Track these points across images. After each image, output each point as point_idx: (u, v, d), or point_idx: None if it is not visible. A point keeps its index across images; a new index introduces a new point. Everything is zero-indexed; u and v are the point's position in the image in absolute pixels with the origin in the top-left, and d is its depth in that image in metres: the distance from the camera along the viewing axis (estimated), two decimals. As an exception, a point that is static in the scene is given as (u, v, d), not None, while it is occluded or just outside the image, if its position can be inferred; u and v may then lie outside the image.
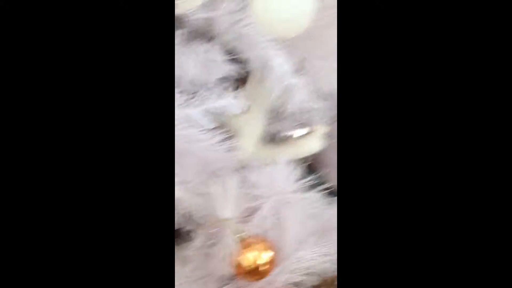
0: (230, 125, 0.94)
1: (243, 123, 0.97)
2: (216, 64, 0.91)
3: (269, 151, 0.99)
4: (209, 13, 0.93)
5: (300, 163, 0.97)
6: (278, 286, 0.90)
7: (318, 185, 0.98)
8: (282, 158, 0.95)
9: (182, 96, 0.90)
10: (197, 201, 0.89)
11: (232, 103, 0.92)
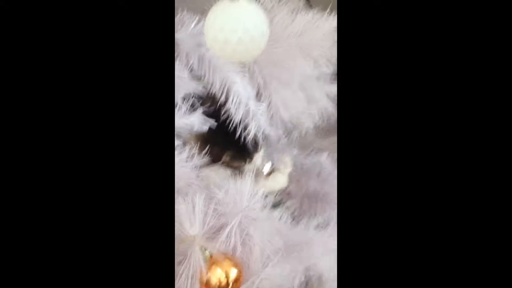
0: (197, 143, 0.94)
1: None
2: (182, 81, 0.91)
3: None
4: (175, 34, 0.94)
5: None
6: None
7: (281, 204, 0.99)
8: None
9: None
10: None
11: (199, 120, 0.91)
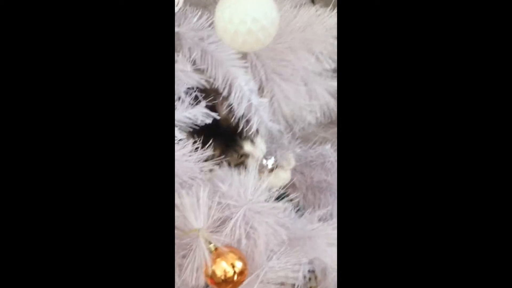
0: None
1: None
2: (186, 74, 0.91)
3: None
4: (176, 28, 0.94)
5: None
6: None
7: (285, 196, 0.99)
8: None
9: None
10: (168, 212, 0.88)
11: (203, 113, 0.92)
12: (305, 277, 0.94)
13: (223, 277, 0.87)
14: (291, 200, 1.00)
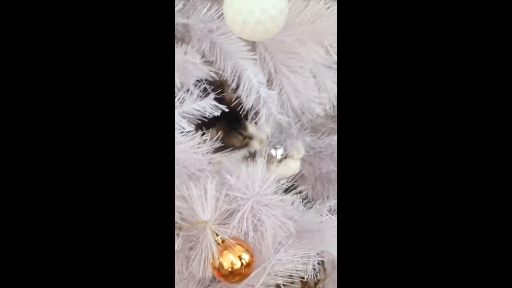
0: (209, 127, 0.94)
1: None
2: (195, 66, 0.91)
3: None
4: (186, 20, 0.94)
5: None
6: (258, 288, 0.90)
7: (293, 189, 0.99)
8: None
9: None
10: (176, 204, 0.88)
11: (211, 105, 0.92)
12: (314, 270, 0.94)
13: (230, 269, 0.88)
14: (300, 192, 0.99)
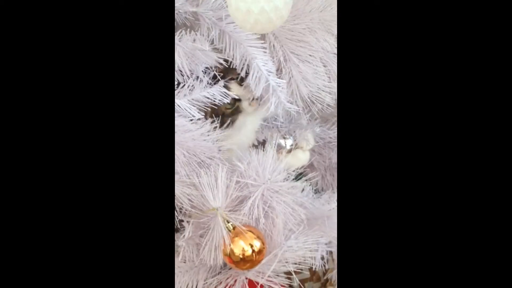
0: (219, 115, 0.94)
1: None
2: (204, 54, 0.91)
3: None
4: (195, 8, 0.94)
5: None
6: (268, 275, 0.90)
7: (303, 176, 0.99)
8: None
9: (170, 86, 0.89)
10: (187, 191, 0.88)
11: (221, 92, 0.91)
12: (323, 259, 0.94)
13: (241, 256, 0.88)
14: (310, 180, 0.99)
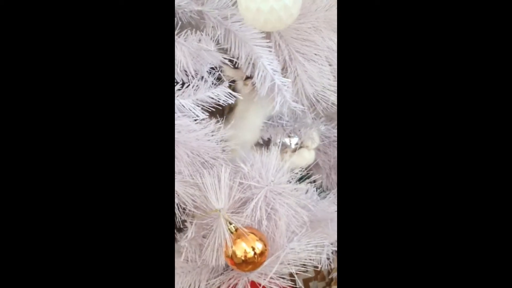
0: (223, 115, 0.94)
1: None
2: (209, 54, 0.91)
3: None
4: (200, 7, 0.93)
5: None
6: (271, 277, 0.90)
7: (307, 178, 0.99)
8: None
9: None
10: (190, 192, 0.88)
11: (226, 93, 0.91)
12: (328, 259, 0.94)
13: (243, 258, 0.87)
14: (314, 182, 0.99)
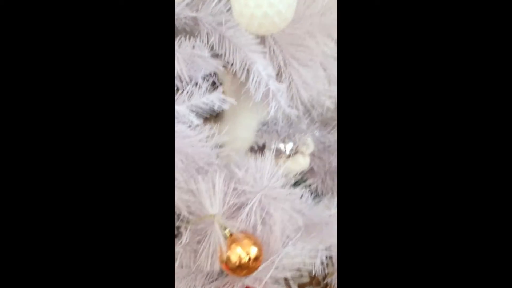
0: (217, 121, 0.94)
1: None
2: (203, 60, 0.91)
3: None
4: (194, 13, 0.94)
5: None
6: (266, 282, 0.90)
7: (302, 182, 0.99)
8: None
9: (169, 92, 0.89)
10: (184, 197, 0.89)
11: (220, 99, 0.91)
12: (322, 264, 0.94)
13: (238, 263, 0.88)
14: (309, 186, 0.99)
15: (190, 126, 0.89)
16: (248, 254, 0.88)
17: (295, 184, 0.96)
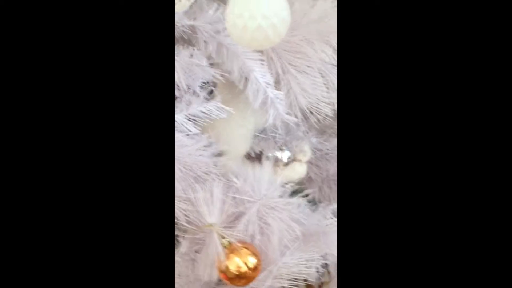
0: (215, 130, 0.94)
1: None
2: (201, 69, 0.91)
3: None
4: (192, 21, 0.93)
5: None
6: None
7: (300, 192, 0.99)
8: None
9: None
10: (182, 207, 0.88)
11: (218, 108, 0.91)
12: (318, 272, 0.94)
13: (236, 273, 0.87)
14: (307, 195, 0.99)
15: (188, 135, 0.89)
16: (247, 264, 0.88)
17: (293, 194, 0.96)
